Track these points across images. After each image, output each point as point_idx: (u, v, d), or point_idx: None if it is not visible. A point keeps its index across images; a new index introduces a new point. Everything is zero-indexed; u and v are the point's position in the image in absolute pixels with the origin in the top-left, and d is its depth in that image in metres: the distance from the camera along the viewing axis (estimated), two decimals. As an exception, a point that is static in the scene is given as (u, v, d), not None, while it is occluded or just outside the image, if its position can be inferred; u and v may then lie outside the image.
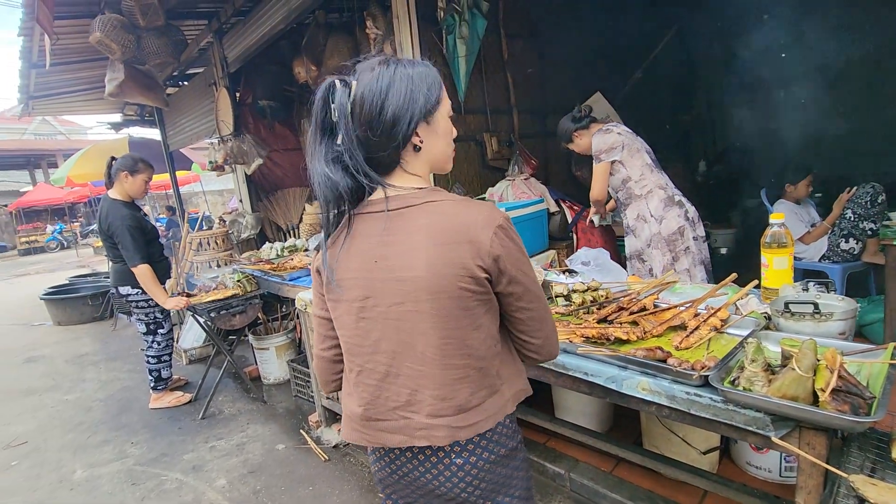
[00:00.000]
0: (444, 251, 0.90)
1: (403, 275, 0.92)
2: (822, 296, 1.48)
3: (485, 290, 0.93)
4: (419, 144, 0.97)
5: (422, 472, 1.01)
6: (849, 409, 0.99)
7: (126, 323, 6.44)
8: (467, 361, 0.95)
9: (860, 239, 3.04)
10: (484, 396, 0.98)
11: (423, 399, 0.96)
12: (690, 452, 2.05)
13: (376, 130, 0.92)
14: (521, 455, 1.08)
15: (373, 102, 0.91)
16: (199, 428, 3.30)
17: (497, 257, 0.91)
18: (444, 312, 0.92)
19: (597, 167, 2.64)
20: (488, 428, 0.98)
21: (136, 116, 7.81)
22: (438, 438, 0.96)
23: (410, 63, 0.96)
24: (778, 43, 5.18)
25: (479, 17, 3.41)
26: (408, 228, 0.93)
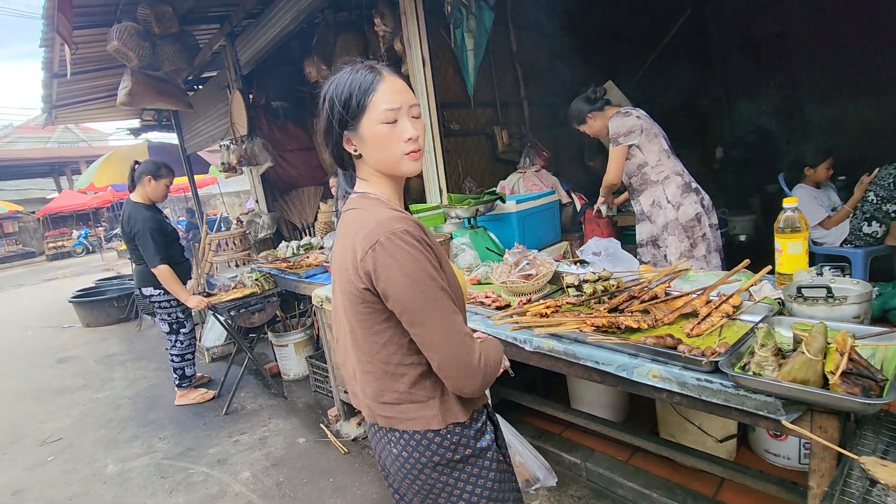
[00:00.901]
0: (343, 258, 1.00)
1: (338, 270, 1.05)
2: (837, 280, 1.46)
3: (372, 301, 0.95)
4: (356, 152, 1.02)
5: (377, 439, 1.10)
6: (860, 391, 0.98)
7: (151, 323, 6.62)
8: (370, 360, 1.02)
9: (883, 222, 2.96)
10: (398, 399, 1.01)
11: (367, 381, 1.06)
12: (707, 441, 2.04)
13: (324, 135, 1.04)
14: (473, 470, 1.04)
15: (320, 107, 1.02)
16: (222, 423, 3.39)
17: (369, 273, 0.92)
18: (349, 312, 1.02)
19: (614, 150, 2.54)
20: (405, 429, 1.01)
21: (153, 121, 7.99)
22: (367, 415, 1.10)
23: (352, 70, 0.99)
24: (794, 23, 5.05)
25: (486, 10, 3.40)
26: (339, 231, 1.06)
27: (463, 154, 3.59)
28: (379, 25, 4.05)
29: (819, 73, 5.05)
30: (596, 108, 2.61)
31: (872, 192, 2.97)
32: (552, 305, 1.72)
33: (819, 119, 5.18)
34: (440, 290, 0.93)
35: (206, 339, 4.87)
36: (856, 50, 4.71)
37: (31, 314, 8.70)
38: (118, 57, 4.07)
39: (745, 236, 4.40)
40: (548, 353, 1.59)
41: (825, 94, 5.07)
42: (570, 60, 4.69)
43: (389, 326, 0.97)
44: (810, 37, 4.98)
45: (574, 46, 4.69)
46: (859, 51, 4.69)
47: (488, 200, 2.55)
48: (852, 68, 4.78)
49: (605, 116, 2.59)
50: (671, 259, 2.53)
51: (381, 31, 4.06)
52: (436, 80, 3.24)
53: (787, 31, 5.15)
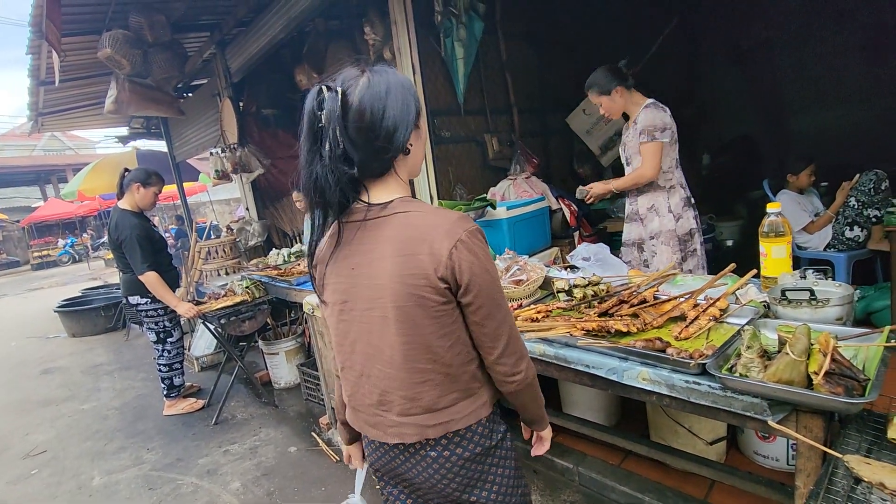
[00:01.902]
0: (406, 261, 0.92)
1: (372, 282, 0.96)
2: (820, 282, 1.49)
3: (447, 300, 0.94)
4: (409, 148, 0.99)
5: (401, 461, 1.05)
6: (842, 391, 1.01)
7: (139, 333, 6.54)
8: (432, 366, 0.97)
9: (865, 226, 3.03)
10: (455, 399, 1.00)
11: (392, 399, 1.01)
12: (697, 443, 2.06)
13: (378, 137, 0.92)
14: (502, 452, 1.09)
15: (374, 109, 0.91)
16: (212, 433, 3.35)
17: (454, 269, 0.91)
18: (408, 320, 0.94)
19: (651, 145, 2.32)
20: (460, 427, 1.01)
21: (142, 129, 7.93)
22: (408, 436, 1.01)
23: (394, 71, 0.97)
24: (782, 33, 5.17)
25: (476, 19, 3.45)
26: (378, 238, 0.96)
27: (454, 161, 3.61)
28: (369, 34, 4.08)
29: (802, 81, 5.16)
30: (626, 85, 2.39)
31: (854, 198, 3.04)
32: (543, 310, 1.73)
33: (802, 126, 5.28)
34: (500, 283, 1.03)
35: (195, 348, 4.81)
36: (837, 60, 4.83)
37: (15, 325, 8.54)
38: (109, 64, 4.05)
39: (732, 241, 4.48)
40: (539, 357, 1.60)
41: (808, 103, 5.18)
42: (558, 69, 4.76)
43: (457, 325, 0.98)
44: (794, 46, 5.10)
45: (563, 55, 4.76)
46: (840, 61, 4.81)
47: (479, 207, 2.57)
48: (834, 77, 4.90)
49: (632, 100, 2.41)
50: (656, 266, 2.49)
51: (371, 39, 4.08)
52: (426, 88, 3.27)
53: (771, 40, 5.26)
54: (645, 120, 2.32)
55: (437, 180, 3.35)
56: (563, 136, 4.78)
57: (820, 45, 4.89)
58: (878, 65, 4.61)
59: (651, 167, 2.35)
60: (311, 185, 0.94)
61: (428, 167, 3.35)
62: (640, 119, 2.35)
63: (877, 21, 4.49)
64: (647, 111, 2.34)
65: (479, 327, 0.97)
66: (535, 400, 1.15)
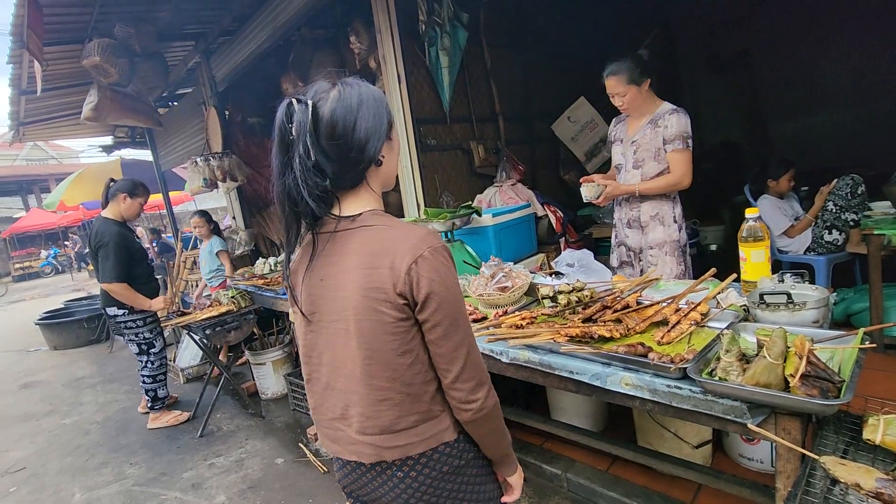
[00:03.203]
0: (369, 274, 0.92)
1: (337, 294, 0.96)
2: (798, 286, 1.52)
3: (406, 316, 0.93)
4: (381, 160, 0.99)
5: (367, 479, 1.03)
6: (818, 393, 1.02)
7: (122, 344, 6.42)
8: (391, 385, 0.95)
9: (843, 230, 3.09)
10: (415, 421, 0.97)
11: (353, 415, 0.99)
12: (683, 447, 2.07)
13: (350, 149, 0.93)
14: (473, 471, 1.05)
15: (346, 121, 0.92)
16: (197, 446, 3.29)
17: (412, 284, 0.90)
18: (369, 334, 0.93)
19: (687, 153, 2.22)
20: (420, 451, 0.98)
21: (127, 138, 7.85)
22: (366, 455, 0.98)
23: (366, 83, 0.98)
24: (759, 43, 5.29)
25: (460, 28, 3.48)
26: (344, 250, 0.96)
27: (440, 169, 3.63)
28: (354, 43, 4.10)
29: (780, 89, 5.28)
30: (649, 79, 2.22)
31: (832, 202, 3.10)
32: (527, 317, 1.74)
33: (782, 133, 5.40)
34: (464, 304, 0.98)
35: (180, 359, 4.74)
36: (813, 69, 4.95)
37: (-5, 338, 8.35)
38: (95, 73, 4.01)
39: (716, 246, 4.54)
40: (524, 364, 1.60)
41: (786, 110, 5.30)
42: (542, 77, 4.82)
43: (416, 344, 0.95)
44: (772, 55, 5.22)
45: (547, 64, 4.82)
46: (817, 70, 4.94)
47: (464, 214, 2.57)
48: (810, 85, 5.02)
49: (651, 98, 2.28)
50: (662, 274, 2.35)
51: (357, 48, 4.10)
52: (411, 96, 3.28)
53: (750, 49, 5.39)
54: (679, 125, 2.20)
55: (423, 188, 3.36)
56: (548, 144, 4.83)
57: (796, 54, 5.03)
58: (854, 73, 4.74)
59: (688, 175, 2.23)
60: (285, 197, 0.94)
61: (414, 175, 3.36)
62: (673, 124, 2.21)
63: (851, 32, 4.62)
64: (680, 116, 2.21)
65: (435, 346, 0.94)
66: (496, 434, 1.04)
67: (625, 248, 2.49)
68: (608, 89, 2.26)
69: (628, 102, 2.25)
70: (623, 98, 2.24)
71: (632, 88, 2.21)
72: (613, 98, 2.28)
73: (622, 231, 2.49)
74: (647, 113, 2.31)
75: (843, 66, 4.79)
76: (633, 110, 2.31)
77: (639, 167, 2.33)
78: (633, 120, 2.37)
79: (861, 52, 4.65)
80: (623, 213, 2.46)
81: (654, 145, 2.26)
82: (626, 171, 2.39)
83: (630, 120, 2.39)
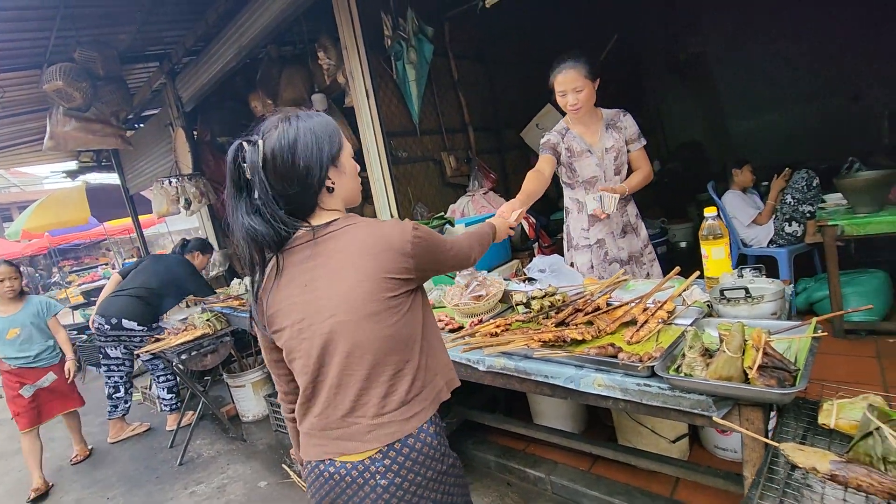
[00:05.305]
0: (376, 258, 1.03)
1: (332, 290, 1.03)
2: (756, 280, 1.58)
3: (404, 290, 1.07)
4: (332, 186, 1.09)
5: (349, 495, 1.05)
6: (776, 382, 1.07)
7: (95, 375, 6.21)
8: (399, 356, 1.05)
9: (801, 222, 3.22)
10: (420, 387, 1.08)
11: (367, 401, 1.05)
12: (660, 442, 2.12)
13: (292, 181, 1.03)
14: (450, 479, 1.11)
15: (284, 157, 1.02)
16: (177, 474, 3.21)
17: (416, 255, 1.06)
18: (379, 311, 1.03)
19: (644, 149, 2.31)
20: (432, 413, 1.09)
21: (92, 162, 7.66)
22: (387, 436, 1.03)
23: (309, 116, 1.07)
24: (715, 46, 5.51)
25: (425, 42, 3.53)
26: (334, 249, 1.05)
27: (413, 180, 3.65)
28: (322, 59, 4.11)
29: (737, 89, 5.50)
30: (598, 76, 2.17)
31: (790, 195, 3.24)
32: (502, 324, 1.76)
33: (741, 131, 5.62)
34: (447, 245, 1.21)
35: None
36: (766, 69, 5.18)
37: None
38: (57, 98, 3.91)
39: (686, 243, 4.67)
40: (500, 371, 1.63)
41: (744, 109, 5.52)
42: (510, 87, 4.91)
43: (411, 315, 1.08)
44: (727, 57, 5.44)
45: (513, 73, 4.92)
46: (769, 70, 5.17)
47: (437, 226, 2.60)
48: (764, 85, 5.25)
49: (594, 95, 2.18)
50: (658, 275, 2.37)
51: (325, 64, 4.11)
52: (381, 110, 3.31)
53: (707, 52, 5.60)
54: (634, 124, 2.28)
55: (397, 200, 3.38)
56: (519, 151, 4.91)
57: (749, 57, 5.25)
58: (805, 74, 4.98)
59: (651, 169, 2.31)
60: (243, 233, 1.02)
61: (387, 187, 3.38)
62: (630, 124, 2.27)
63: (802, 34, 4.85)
64: (630, 116, 2.28)
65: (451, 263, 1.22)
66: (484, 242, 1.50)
67: (618, 264, 2.32)
68: (564, 85, 2.11)
69: (584, 100, 2.12)
70: (579, 95, 2.10)
71: (589, 84, 2.11)
72: (567, 96, 2.12)
73: (613, 245, 2.33)
74: (596, 119, 2.26)
75: (795, 67, 5.02)
76: (584, 111, 2.17)
77: (619, 172, 2.29)
78: (583, 129, 2.26)
79: (812, 54, 4.88)
80: (614, 224, 2.32)
81: (622, 147, 2.27)
82: (607, 179, 2.27)
83: (580, 130, 2.26)
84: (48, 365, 3.42)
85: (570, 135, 2.28)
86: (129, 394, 3.99)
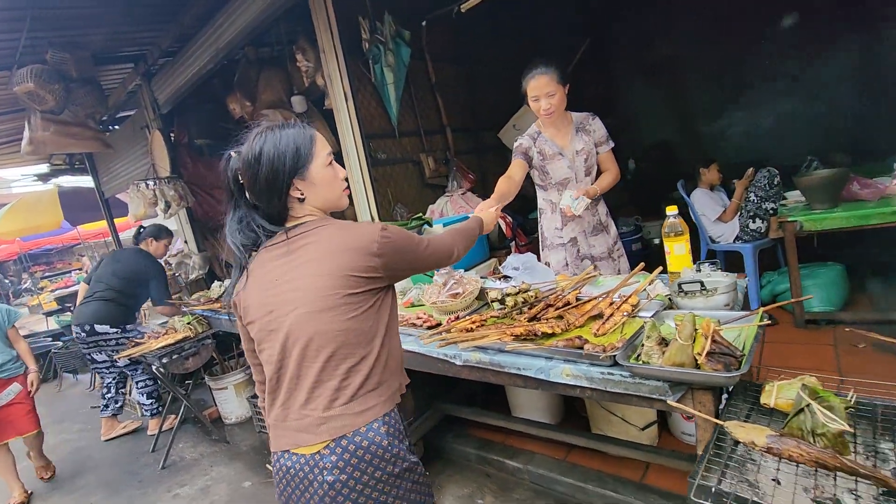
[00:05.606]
0: (340, 257, 1.10)
1: (297, 284, 1.10)
2: (713, 274, 1.69)
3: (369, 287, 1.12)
4: (301, 197, 1.15)
5: (301, 491, 1.10)
6: (722, 367, 1.17)
7: (72, 382, 6.12)
8: (356, 350, 1.10)
9: (764, 218, 3.38)
10: (376, 383, 1.12)
11: (321, 393, 1.09)
12: (630, 430, 2.23)
13: (260, 191, 1.12)
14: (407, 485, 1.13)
15: (249, 169, 1.11)
16: (160, 478, 3.21)
17: (381, 254, 1.12)
18: (334, 306, 1.08)
19: (611, 152, 2.41)
20: (385, 412, 1.11)
21: (64, 165, 7.52)
22: (336, 429, 1.07)
23: (282, 128, 1.14)
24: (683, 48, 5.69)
25: (402, 45, 3.59)
26: (304, 247, 1.13)
27: (392, 182, 3.71)
28: (301, 61, 4.13)
29: (705, 91, 5.69)
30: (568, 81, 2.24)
31: (753, 193, 3.39)
32: (477, 320, 1.84)
33: (709, 131, 5.81)
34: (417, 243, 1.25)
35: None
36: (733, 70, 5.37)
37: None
38: (29, 101, 3.86)
39: (659, 239, 4.82)
40: (476, 365, 1.71)
41: (711, 110, 5.72)
42: (486, 88, 5.00)
43: (373, 311, 1.13)
44: (696, 60, 5.63)
45: (489, 75, 5.00)
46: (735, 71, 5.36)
47: (415, 226, 2.67)
48: (731, 86, 5.44)
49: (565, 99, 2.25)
50: (626, 269, 2.46)
51: (304, 66, 4.13)
52: (359, 112, 3.35)
53: (677, 55, 5.78)
54: (603, 128, 2.39)
55: (376, 201, 3.43)
56: (497, 152, 5.00)
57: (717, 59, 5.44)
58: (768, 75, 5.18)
59: (619, 170, 2.42)
60: (230, 236, 1.15)
61: (367, 189, 3.43)
62: (599, 127, 2.37)
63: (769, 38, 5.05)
64: (598, 119, 2.38)
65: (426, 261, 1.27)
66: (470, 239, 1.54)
67: (589, 260, 2.41)
68: (536, 90, 2.18)
69: (556, 104, 2.18)
70: (552, 99, 2.17)
71: (560, 88, 2.17)
72: (540, 101, 2.18)
73: (585, 243, 2.42)
74: (567, 122, 2.34)
75: (759, 69, 5.22)
76: (556, 115, 2.24)
77: (590, 173, 2.38)
78: (554, 132, 2.34)
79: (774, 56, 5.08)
80: (585, 222, 2.40)
81: (592, 150, 2.35)
82: (579, 181, 2.36)
83: (551, 133, 2.35)
84: (12, 376, 3.22)
85: (542, 138, 2.37)
86: (119, 393, 4.00)
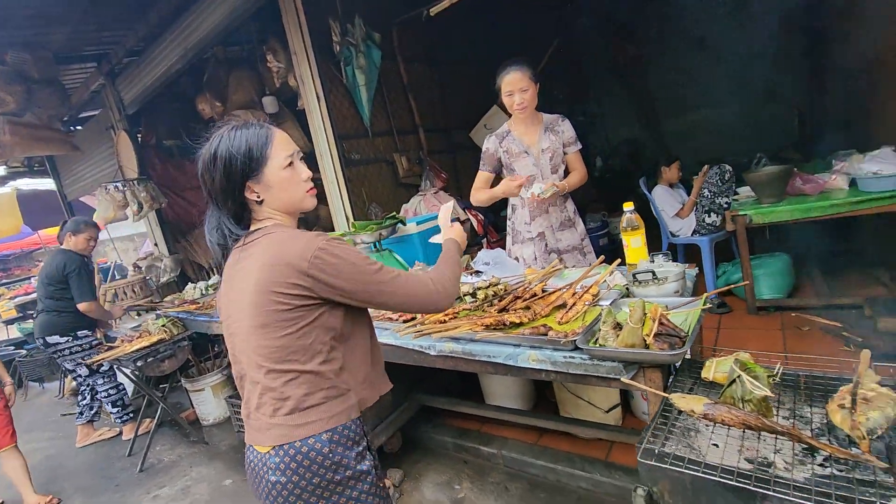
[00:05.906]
0: (269, 271, 1.08)
1: (240, 296, 1.14)
2: (665, 265, 1.84)
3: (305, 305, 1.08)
4: (259, 199, 1.16)
5: (256, 483, 1.15)
6: (668, 346, 1.31)
7: (39, 391, 5.96)
8: (293, 367, 1.09)
9: (719, 213, 3.60)
10: (321, 398, 1.10)
11: (265, 402, 1.11)
12: (596, 412, 2.38)
13: (217, 192, 1.15)
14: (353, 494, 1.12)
15: (207, 171, 1.15)
16: (138, 481, 3.21)
17: (315, 276, 1.07)
18: (267, 323, 1.08)
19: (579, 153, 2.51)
20: (331, 427, 1.09)
21: (23, 167, 7.27)
22: (278, 437, 1.08)
23: (240, 127, 1.15)
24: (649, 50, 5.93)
25: (373, 48, 3.65)
26: (249, 256, 1.14)
27: (366, 182, 3.78)
28: (272, 62, 4.15)
29: (669, 91, 5.95)
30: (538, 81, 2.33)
31: (707, 189, 3.61)
32: (450, 313, 1.95)
33: (672, 129, 6.09)
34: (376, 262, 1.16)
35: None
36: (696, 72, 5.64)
37: None
38: (-13, 103, 3.77)
39: (624, 234, 5.03)
40: (449, 354, 1.81)
41: (675, 109, 5.98)
42: (458, 89, 5.11)
43: (312, 327, 1.10)
44: (661, 61, 5.88)
45: (461, 76, 5.12)
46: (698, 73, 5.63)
47: (389, 225, 2.74)
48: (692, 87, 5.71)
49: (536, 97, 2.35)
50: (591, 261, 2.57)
51: (275, 66, 4.15)
52: (332, 113, 3.41)
53: (643, 56, 6.02)
54: (571, 129, 2.48)
55: (351, 201, 3.50)
56: (469, 151, 5.11)
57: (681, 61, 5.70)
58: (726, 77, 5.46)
59: (586, 170, 2.51)
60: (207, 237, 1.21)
61: (341, 189, 3.49)
62: (568, 128, 2.47)
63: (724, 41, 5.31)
64: (568, 121, 2.47)
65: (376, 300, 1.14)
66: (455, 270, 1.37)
67: (556, 253, 2.51)
68: (511, 86, 2.27)
69: (529, 99, 2.28)
70: (525, 94, 2.26)
71: (532, 85, 2.28)
72: (513, 96, 2.28)
73: (552, 237, 2.52)
74: (537, 121, 2.44)
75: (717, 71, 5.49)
76: (529, 112, 2.34)
77: (556, 171, 2.48)
78: (523, 130, 2.44)
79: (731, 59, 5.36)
80: (553, 218, 2.50)
81: (559, 150, 2.46)
82: (544, 178, 2.44)
83: (520, 131, 2.45)
84: None
85: (510, 137, 2.48)
86: (95, 400, 3.92)
